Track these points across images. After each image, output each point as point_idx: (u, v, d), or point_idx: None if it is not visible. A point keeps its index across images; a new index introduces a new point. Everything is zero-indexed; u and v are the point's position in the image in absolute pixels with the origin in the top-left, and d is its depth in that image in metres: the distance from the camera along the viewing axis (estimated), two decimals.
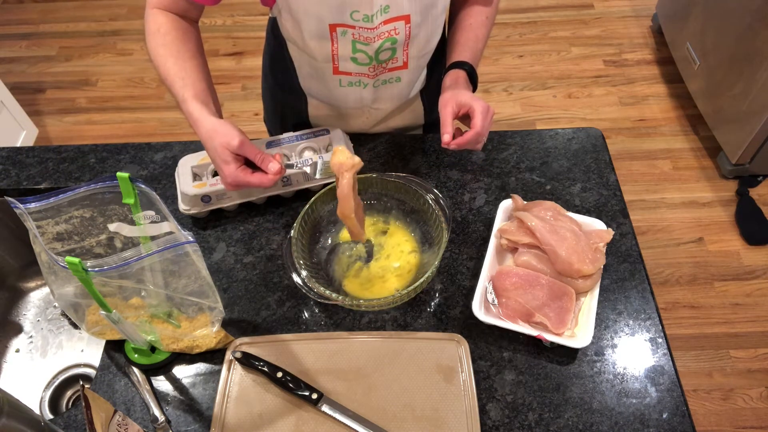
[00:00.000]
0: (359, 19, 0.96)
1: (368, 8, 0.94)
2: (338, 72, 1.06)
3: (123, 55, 2.85)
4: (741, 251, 2.10)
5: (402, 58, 1.06)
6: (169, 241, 0.76)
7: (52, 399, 1.13)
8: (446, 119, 0.98)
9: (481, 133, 0.97)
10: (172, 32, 0.98)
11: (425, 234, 1.05)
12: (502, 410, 0.89)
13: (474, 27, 1.10)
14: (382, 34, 0.99)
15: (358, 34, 0.98)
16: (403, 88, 1.14)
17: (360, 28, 0.97)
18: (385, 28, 0.98)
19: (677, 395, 0.90)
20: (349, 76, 1.07)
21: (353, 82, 1.08)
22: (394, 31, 0.99)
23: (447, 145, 0.97)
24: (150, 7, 1.00)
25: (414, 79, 1.15)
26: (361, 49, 1.01)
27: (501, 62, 2.76)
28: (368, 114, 1.19)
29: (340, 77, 1.07)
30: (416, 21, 0.99)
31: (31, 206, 0.80)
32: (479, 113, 0.96)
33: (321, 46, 1.00)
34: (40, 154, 1.22)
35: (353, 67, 1.05)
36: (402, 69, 1.08)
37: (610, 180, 1.15)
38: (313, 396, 0.88)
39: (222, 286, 1.03)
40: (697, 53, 2.34)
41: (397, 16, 0.97)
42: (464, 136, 0.97)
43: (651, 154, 2.39)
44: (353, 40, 0.99)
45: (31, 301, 1.25)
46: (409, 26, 0.99)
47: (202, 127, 0.91)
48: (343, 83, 1.09)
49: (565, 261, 0.94)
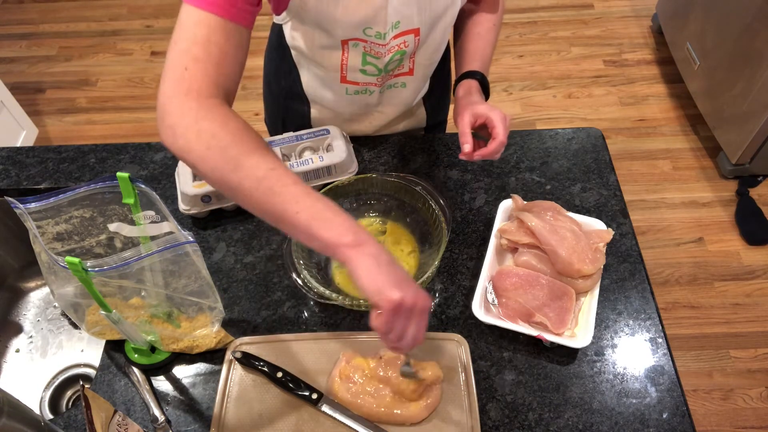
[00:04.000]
0: (372, 35, 0.95)
1: (382, 26, 0.94)
2: (346, 81, 1.05)
3: (123, 55, 2.85)
4: (741, 251, 2.10)
5: (408, 65, 1.06)
6: (169, 241, 0.76)
7: (52, 399, 1.13)
8: (465, 130, 0.94)
9: (504, 143, 0.93)
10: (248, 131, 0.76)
11: (425, 234, 1.05)
12: (502, 410, 0.89)
13: (482, 35, 1.09)
14: (392, 49, 0.98)
15: (370, 48, 0.97)
16: (408, 94, 1.13)
17: (372, 42, 0.96)
18: (395, 42, 0.98)
19: (677, 395, 0.90)
20: (356, 85, 1.06)
21: (360, 90, 1.08)
22: (403, 44, 0.99)
23: (469, 156, 0.94)
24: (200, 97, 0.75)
25: (419, 87, 1.14)
26: (371, 62, 1.00)
27: (501, 62, 2.76)
28: (372, 118, 1.18)
29: (347, 86, 1.07)
30: (425, 33, 0.99)
31: (31, 206, 0.80)
32: (500, 122, 0.93)
33: (331, 55, 1.00)
34: (40, 154, 1.22)
35: (361, 77, 1.04)
36: (407, 75, 1.08)
37: (610, 180, 1.15)
38: (313, 396, 0.88)
39: (222, 286, 1.03)
40: (697, 53, 2.34)
41: (407, 30, 0.96)
42: (488, 147, 0.93)
43: (651, 154, 2.39)
44: (364, 53, 0.98)
45: (31, 301, 1.25)
46: (418, 38, 0.99)
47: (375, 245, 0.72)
48: (350, 92, 1.08)
49: (565, 261, 0.94)
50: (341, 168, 1.11)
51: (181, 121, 0.74)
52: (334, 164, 1.10)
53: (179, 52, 0.76)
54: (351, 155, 1.13)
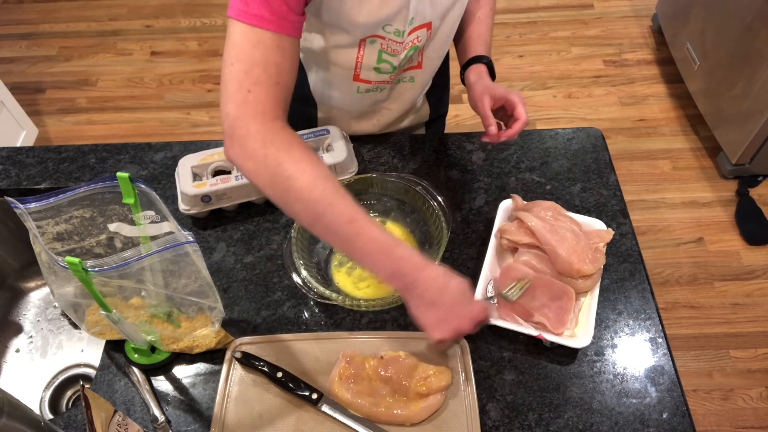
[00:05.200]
0: (390, 32, 0.95)
1: (402, 24, 0.94)
2: (359, 79, 1.05)
3: (123, 55, 2.84)
4: (741, 251, 2.10)
5: (417, 59, 1.06)
6: (169, 241, 0.76)
7: (52, 399, 1.13)
8: (487, 113, 0.97)
9: (527, 122, 0.97)
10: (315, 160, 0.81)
11: (425, 234, 1.05)
12: (502, 410, 0.89)
13: (483, 19, 1.09)
14: (408, 45, 0.98)
15: (387, 45, 0.97)
16: (416, 89, 1.13)
17: (390, 40, 0.96)
18: (410, 39, 0.98)
19: (677, 395, 0.90)
20: (368, 84, 1.06)
21: (371, 89, 1.08)
22: (417, 39, 0.99)
23: (494, 137, 0.97)
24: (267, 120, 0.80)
25: (426, 81, 1.14)
26: (387, 59, 1.00)
27: (501, 62, 2.76)
28: (380, 116, 1.18)
29: (359, 84, 1.06)
30: (436, 26, 0.99)
31: (31, 206, 0.80)
32: (520, 103, 0.96)
33: (347, 53, 0.99)
34: (40, 154, 1.22)
35: (375, 76, 1.04)
36: (416, 69, 1.08)
37: (610, 180, 1.15)
38: (313, 396, 0.88)
39: (222, 286, 1.03)
40: (697, 53, 2.34)
41: (420, 24, 0.97)
42: (513, 128, 0.97)
43: (651, 154, 2.39)
44: (380, 50, 0.98)
45: (31, 301, 1.25)
46: (429, 32, 0.99)
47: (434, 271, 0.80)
48: (361, 90, 1.08)
49: (565, 261, 0.94)
50: (341, 168, 1.11)
51: (249, 143, 0.79)
52: (334, 164, 1.10)
53: (239, 73, 0.79)
54: (351, 155, 1.13)
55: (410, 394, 0.87)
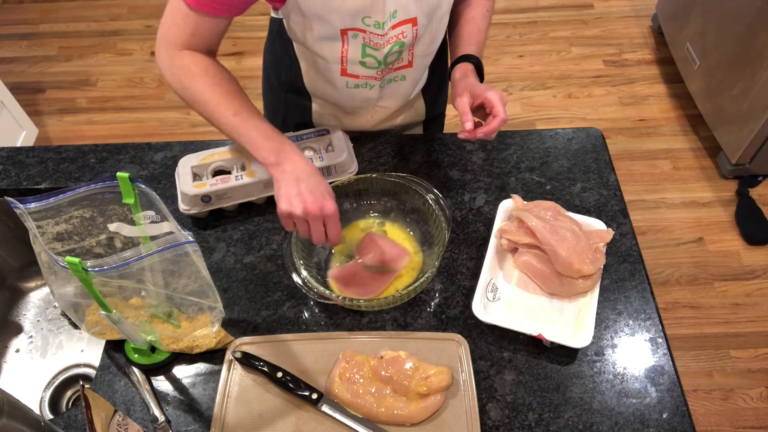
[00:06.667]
0: (370, 25, 0.96)
1: (380, 15, 0.94)
2: (346, 74, 1.06)
3: (123, 55, 2.84)
4: (741, 251, 2.10)
5: (407, 58, 1.06)
6: (169, 241, 0.76)
7: (52, 399, 1.13)
8: (464, 109, 0.98)
9: (505, 119, 0.97)
10: (223, 73, 0.99)
11: (425, 234, 1.05)
12: (502, 410, 0.89)
13: (476, 19, 1.10)
14: (391, 39, 0.99)
15: (369, 38, 0.98)
16: (408, 87, 1.14)
17: (371, 33, 0.97)
18: (393, 33, 0.98)
19: (677, 395, 0.90)
20: (356, 79, 1.06)
21: (360, 84, 1.08)
22: (401, 34, 0.99)
23: (471, 134, 0.97)
24: (175, 48, 0.96)
25: (418, 78, 1.15)
26: (371, 53, 1.00)
27: (501, 62, 2.76)
28: (373, 112, 1.18)
29: (347, 79, 1.07)
30: (422, 23, 0.99)
31: (31, 206, 0.80)
32: (498, 101, 0.97)
33: (331, 46, 1.00)
34: (40, 154, 1.22)
35: (361, 70, 1.04)
36: (407, 68, 1.08)
37: (610, 180, 1.15)
38: (313, 396, 0.88)
39: (222, 286, 1.03)
40: (697, 53, 2.34)
41: (404, 19, 0.97)
42: (490, 125, 0.97)
43: (651, 154, 2.39)
44: (363, 44, 0.99)
45: (31, 301, 1.25)
46: (416, 28, 0.99)
47: (302, 161, 0.94)
48: (350, 85, 1.08)
49: (565, 261, 0.94)
50: (341, 168, 1.11)
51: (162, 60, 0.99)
52: (334, 164, 1.10)
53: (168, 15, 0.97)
54: (351, 155, 1.13)
55: (410, 394, 0.87)
